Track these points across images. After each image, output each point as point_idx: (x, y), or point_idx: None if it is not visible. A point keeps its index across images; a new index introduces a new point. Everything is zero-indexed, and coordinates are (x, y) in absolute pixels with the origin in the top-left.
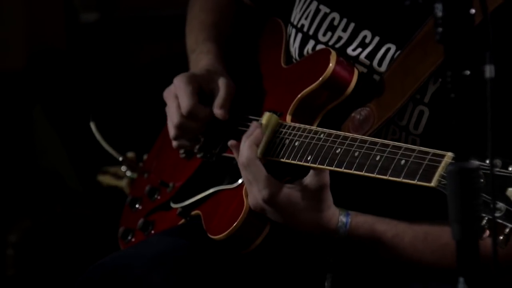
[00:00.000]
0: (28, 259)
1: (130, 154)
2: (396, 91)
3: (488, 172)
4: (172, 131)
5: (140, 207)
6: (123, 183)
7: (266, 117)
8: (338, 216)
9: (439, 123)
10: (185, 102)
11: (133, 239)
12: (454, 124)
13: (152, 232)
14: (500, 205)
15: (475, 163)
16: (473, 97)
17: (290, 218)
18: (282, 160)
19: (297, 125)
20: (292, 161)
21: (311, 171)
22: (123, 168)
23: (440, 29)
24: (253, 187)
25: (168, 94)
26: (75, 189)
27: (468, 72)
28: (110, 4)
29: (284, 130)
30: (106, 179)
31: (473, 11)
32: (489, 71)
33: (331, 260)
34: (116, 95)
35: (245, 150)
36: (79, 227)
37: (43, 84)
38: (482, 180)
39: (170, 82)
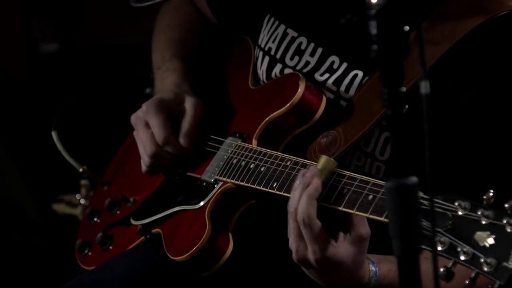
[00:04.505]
0: None
1: (84, 182)
2: (363, 115)
3: (457, 214)
4: (146, 160)
5: (99, 221)
6: (77, 211)
7: (322, 161)
8: (369, 267)
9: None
10: (160, 133)
11: (89, 253)
12: (392, 141)
13: (111, 248)
14: (467, 248)
15: (413, 179)
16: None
17: (332, 276)
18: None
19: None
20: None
21: (355, 224)
22: (78, 196)
23: (375, 47)
24: (305, 245)
25: (137, 121)
26: (34, 219)
27: (404, 89)
28: (69, 35)
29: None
30: (60, 208)
31: (407, 28)
32: (424, 87)
33: None
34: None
35: (305, 206)
36: (37, 257)
37: (2, 115)
38: (450, 223)
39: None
